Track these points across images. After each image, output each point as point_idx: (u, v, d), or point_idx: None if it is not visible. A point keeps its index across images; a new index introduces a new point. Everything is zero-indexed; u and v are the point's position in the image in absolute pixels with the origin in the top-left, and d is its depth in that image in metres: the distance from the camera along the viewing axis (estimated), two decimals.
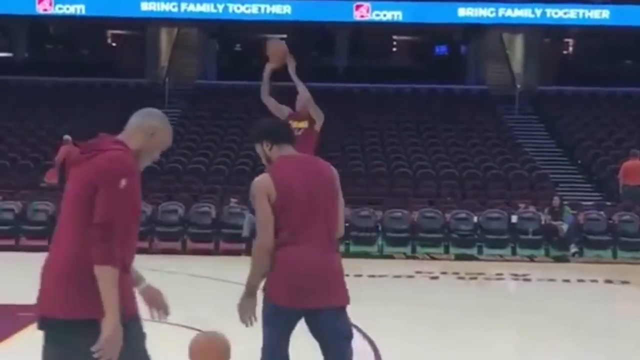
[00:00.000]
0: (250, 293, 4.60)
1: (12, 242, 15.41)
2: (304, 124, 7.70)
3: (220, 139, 23.21)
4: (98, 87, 26.57)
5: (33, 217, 15.79)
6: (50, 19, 27.07)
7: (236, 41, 30.62)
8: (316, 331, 4.51)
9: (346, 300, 4.57)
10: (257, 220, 4.54)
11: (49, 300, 3.56)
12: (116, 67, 28.65)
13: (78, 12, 25.80)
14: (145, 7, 25.97)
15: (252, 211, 15.35)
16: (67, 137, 18.33)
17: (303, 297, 4.43)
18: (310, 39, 29.93)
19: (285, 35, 30.65)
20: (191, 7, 26.12)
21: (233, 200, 16.84)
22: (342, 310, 4.54)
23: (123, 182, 3.48)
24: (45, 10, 25.69)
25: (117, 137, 3.66)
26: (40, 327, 3.61)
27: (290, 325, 4.54)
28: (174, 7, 26.11)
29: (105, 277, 3.41)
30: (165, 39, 28.31)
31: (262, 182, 4.50)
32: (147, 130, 3.72)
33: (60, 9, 25.71)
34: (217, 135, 23.40)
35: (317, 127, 7.65)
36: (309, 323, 4.52)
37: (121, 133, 3.71)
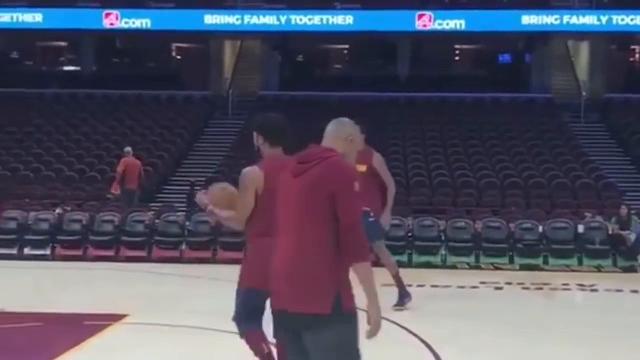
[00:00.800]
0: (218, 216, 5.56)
1: (79, 252, 15.69)
2: (362, 168, 8.16)
3: None
4: (163, 100, 26.97)
5: (99, 228, 16.05)
6: (117, 33, 27.56)
7: (298, 52, 30.79)
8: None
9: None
10: (240, 203, 5.25)
11: (300, 298, 3.90)
12: (181, 79, 29.06)
13: (144, 26, 26.24)
14: (209, 20, 26.28)
15: None
16: (128, 149, 18.64)
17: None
18: (372, 49, 29.94)
19: (347, 46, 30.83)
20: (254, 20, 26.35)
21: None
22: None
23: (356, 185, 3.93)
24: (111, 24, 26.19)
25: (322, 145, 4.12)
26: (294, 322, 3.91)
27: (263, 305, 5.08)
28: (237, 19, 26.37)
29: (366, 271, 3.90)
30: (228, 51, 28.63)
31: (253, 174, 5.27)
32: (345, 137, 4.22)
33: (126, 23, 26.19)
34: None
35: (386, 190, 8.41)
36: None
37: (323, 141, 4.17)
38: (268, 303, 4.29)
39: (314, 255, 3.89)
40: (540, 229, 15.66)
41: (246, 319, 5.47)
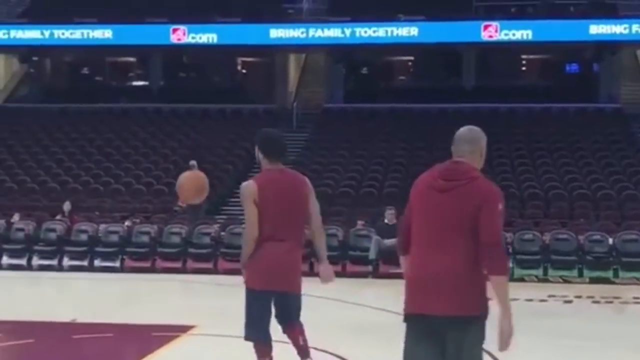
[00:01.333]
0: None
1: (147, 264, 15.92)
2: None
3: (346, 161, 23.36)
4: (229, 113, 27.26)
5: (167, 240, 16.28)
6: (184, 48, 27.96)
7: (363, 64, 30.81)
8: (281, 309, 5.96)
9: (298, 288, 6.05)
10: (246, 217, 5.84)
11: (452, 302, 4.24)
12: (246, 93, 29.33)
13: (210, 41, 26.56)
14: (274, 34, 26.48)
15: (379, 234, 15.44)
16: (193, 162, 18.89)
17: (278, 279, 5.87)
18: (437, 60, 29.80)
19: (412, 57, 30.75)
20: (319, 33, 26.45)
21: (360, 222, 16.89)
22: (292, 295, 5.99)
23: (500, 206, 4.28)
24: (179, 40, 26.58)
25: (458, 160, 4.37)
26: (440, 325, 4.25)
27: (267, 306, 5.88)
28: (302, 33, 26.50)
29: (502, 284, 4.25)
30: (293, 64, 28.80)
31: (249, 188, 5.85)
32: (481, 152, 4.47)
33: (193, 38, 26.55)
34: (344, 158, 23.56)
35: None
36: (275, 303, 5.91)
37: (459, 157, 4.38)
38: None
39: (462, 263, 4.25)
40: (610, 241, 15.37)
41: (253, 325, 5.96)
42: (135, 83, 32.11)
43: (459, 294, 4.24)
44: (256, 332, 5.97)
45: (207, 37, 26.49)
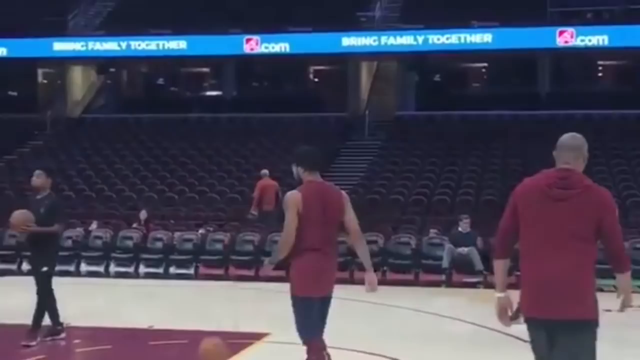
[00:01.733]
0: (270, 261, 6.62)
1: (221, 271, 16.08)
2: None
3: (419, 169, 23.23)
4: (301, 122, 27.37)
5: (240, 248, 16.41)
6: (257, 58, 28.21)
7: (435, 71, 30.63)
8: (322, 312, 6.33)
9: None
10: (286, 223, 6.13)
11: (574, 306, 4.51)
12: (318, 101, 29.42)
13: (283, 50, 26.74)
14: (346, 42, 26.51)
15: (453, 242, 15.31)
16: (264, 171, 19.05)
17: (322, 286, 6.26)
18: (511, 67, 29.44)
19: (485, 64, 30.44)
20: (391, 41, 26.38)
21: (432, 231, 16.77)
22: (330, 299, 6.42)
23: (617, 211, 4.61)
24: (252, 49, 26.82)
25: (568, 168, 4.60)
26: (557, 329, 4.51)
27: (314, 310, 6.22)
28: (374, 41, 26.47)
29: (626, 280, 4.71)
30: (365, 72, 28.78)
31: (294, 197, 6.15)
32: (584, 158, 4.69)
33: (266, 47, 26.77)
34: (416, 166, 23.43)
35: None
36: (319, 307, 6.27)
37: (565, 164, 4.61)
38: None
39: (581, 268, 4.53)
40: None
41: (306, 327, 6.23)
42: (208, 93, 32.51)
43: (579, 298, 4.51)
44: (312, 332, 6.27)
45: (279, 46, 26.67)
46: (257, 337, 9.29)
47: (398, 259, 15.75)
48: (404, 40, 26.29)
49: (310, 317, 6.25)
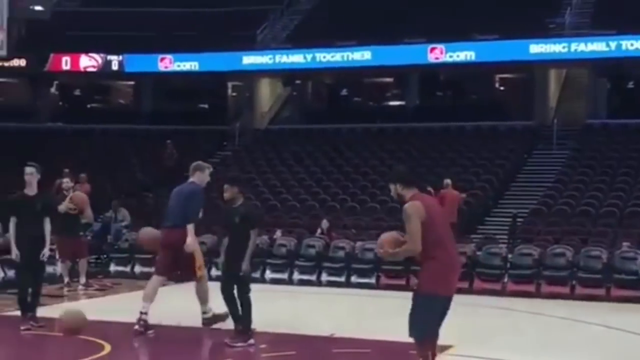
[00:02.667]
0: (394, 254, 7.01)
1: (402, 282, 15.96)
2: None
3: (610, 179, 22.19)
4: (485, 130, 26.86)
5: None
6: (441, 67, 27.98)
7: (629, 78, 29.22)
8: (443, 312, 6.84)
9: None
10: (411, 232, 6.68)
11: None
12: (503, 109, 28.77)
13: (468, 59, 26.36)
14: (534, 49, 25.81)
15: None
16: (447, 181, 18.79)
17: (451, 286, 6.85)
18: None
19: None
20: (582, 47, 25.45)
21: (625, 243, 15.95)
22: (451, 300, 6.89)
23: None
24: (436, 58, 26.60)
25: None
26: None
27: (438, 311, 6.78)
28: (563, 48, 25.65)
29: None
30: (553, 79, 27.91)
31: (418, 207, 6.73)
32: None
33: (450, 56, 26.47)
34: (608, 176, 22.40)
35: None
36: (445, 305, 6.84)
37: None
38: None
39: None
40: None
41: (426, 326, 6.75)
42: (391, 103, 32.54)
43: None
44: (430, 332, 6.81)
45: (464, 54, 26.31)
46: (440, 349, 9.09)
47: (588, 273, 15.10)
48: (595, 46, 25.30)
49: (433, 316, 6.75)
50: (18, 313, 10.61)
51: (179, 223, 10.05)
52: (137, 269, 18.24)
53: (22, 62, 29.36)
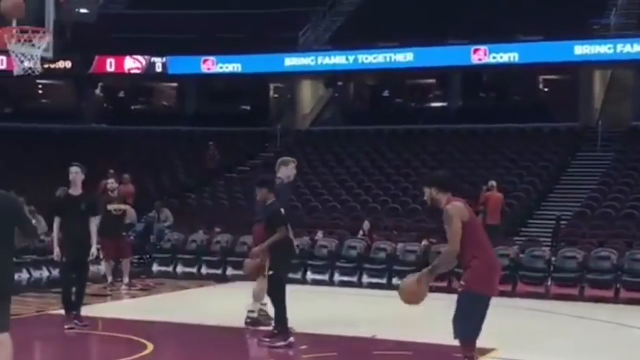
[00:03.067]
0: (431, 271, 6.95)
1: (445, 284, 15.86)
2: None
3: None
4: (529, 132, 26.62)
5: None
6: (484, 68, 27.80)
7: None
8: (486, 312, 6.89)
9: None
10: (452, 233, 6.80)
11: None
12: (547, 111, 28.48)
13: (511, 60, 26.10)
14: (579, 51, 25.51)
15: None
16: (492, 183, 18.67)
17: (495, 287, 6.99)
18: None
19: None
20: (627, 49, 25.10)
21: None
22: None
23: None
24: (480, 60, 26.41)
25: None
26: None
27: (484, 311, 6.86)
28: (609, 49, 25.32)
29: None
30: (598, 81, 27.58)
31: (460, 209, 6.90)
32: None
33: (494, 58, 26.25)
34: None
35: None
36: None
37: None
38: None
39: None
40: None
41: (474, 326, 6.81)
42: (434, 104, 32.39)
43: None
44: (477, 332, 6.87)
45: (508, 56, 26.09)
46: (483, 352, 9.02)
47: (633, 277, 14.90)
48: None
49: (480, 317, 6.83)
50: (62, 312, 10.73)
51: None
52: (180, 269, 18.42)
53: (68, 65, 29.69)
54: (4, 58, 26.35)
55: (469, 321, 6.81)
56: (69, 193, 10.62)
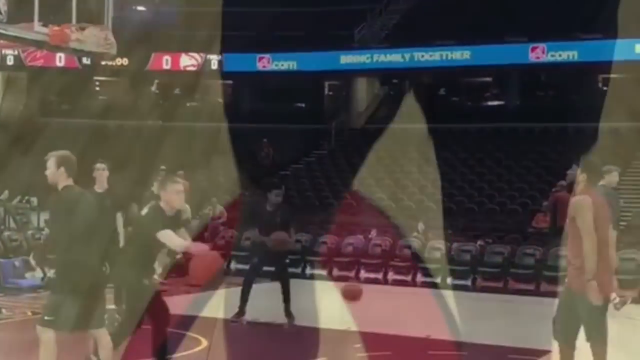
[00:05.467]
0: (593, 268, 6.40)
1: (499, 284, 15.69)
2: None
3: None
4: (587, 132, 26.11)
5: (520, 261, 15.94)
6: (543, 67, 27.42)
7: None
8: None
9: None
10: (586, 227, 6.38)
11: None
12: (606, 111, 27.92)
13: (570, 59, 25.76)
14: (639, 49, 25.08)
15: None
16: (562, 183, 18.33)
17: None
18: None
19: None
20: None
21: None
22: None
23: None
24: (537, 58, 26.07)
25: None
26: None
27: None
28: None
29: None
30: None
31: (589, 202, 6.54)
32: None
33: (552, 56, 25.91)
34: None
35: None
36: None
37: None
38: None
39: None
40: None
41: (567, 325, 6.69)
42: (490, 103, 32.03)
43: None
44: (575, 336, 6.76)
45: (567, 54, 25.71)
46: (537, 354, 8.87)
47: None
48: None
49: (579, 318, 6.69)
50: None
51: None
52: (233, 265, 18.46)
53: (125, 61, 30.02)
54: (62, 55, 26.73)
55: (566, 323, 6.82)
56: (93, 190, 10.39)
